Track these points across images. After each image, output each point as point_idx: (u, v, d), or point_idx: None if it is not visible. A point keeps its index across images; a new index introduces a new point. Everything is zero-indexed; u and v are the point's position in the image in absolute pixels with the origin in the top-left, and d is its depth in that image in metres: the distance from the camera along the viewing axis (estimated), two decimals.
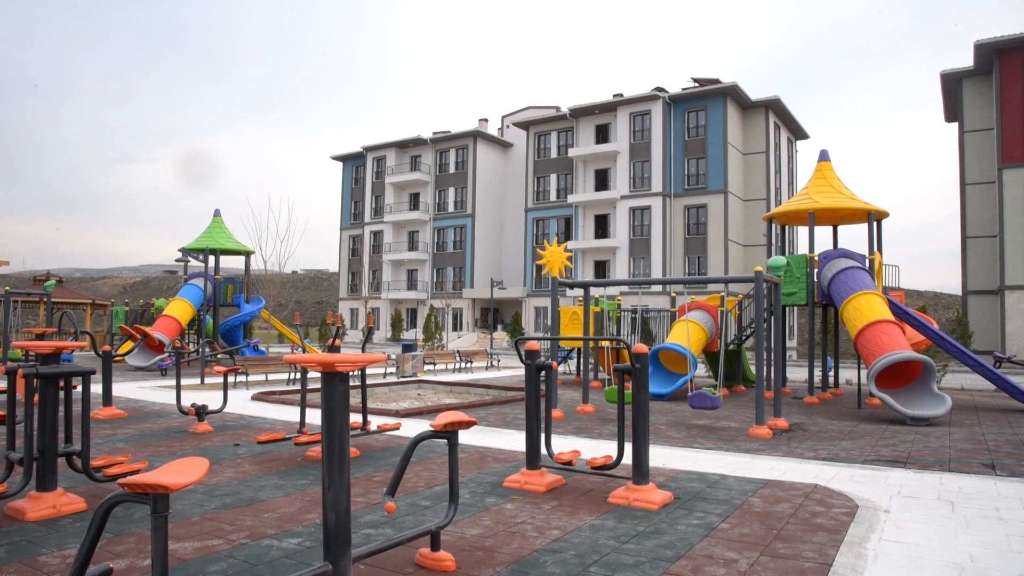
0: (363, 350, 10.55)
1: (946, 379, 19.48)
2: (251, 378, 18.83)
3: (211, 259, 26.17)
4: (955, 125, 45.54)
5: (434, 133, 61.26)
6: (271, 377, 19.77)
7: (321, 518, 3.76)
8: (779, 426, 11.37)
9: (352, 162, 66.76)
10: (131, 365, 22.45)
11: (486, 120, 62.06)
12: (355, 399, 9.63)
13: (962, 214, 43.60)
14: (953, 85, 44.58)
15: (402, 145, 62.36)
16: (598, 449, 9.16)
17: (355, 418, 9.25)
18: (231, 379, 17.02)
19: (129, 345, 24.32)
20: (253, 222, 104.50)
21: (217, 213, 28.08)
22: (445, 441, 4.78)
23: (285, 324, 31.22)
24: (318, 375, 6.37)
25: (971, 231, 42.94)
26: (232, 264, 32.44)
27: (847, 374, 21.72)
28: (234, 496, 6.53)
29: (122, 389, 16.44)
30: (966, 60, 43.12)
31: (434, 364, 25.16)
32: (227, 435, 10.10)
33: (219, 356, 23.23)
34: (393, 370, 22.45)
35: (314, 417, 10.80)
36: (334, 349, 8.93)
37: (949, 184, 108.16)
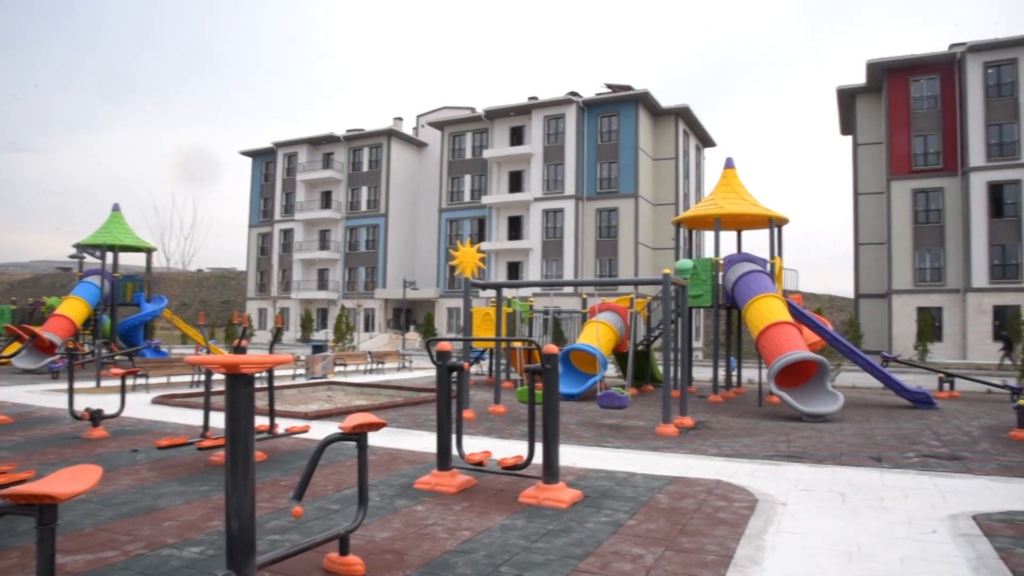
0: (271, 351, 10.29)
1: (839, 378, 20.51)
2: (151, 381, 18.04)
3: (109, 256, 24.92)
4: (850, 138, 48.10)
5: (348, 131, 60.25)
6: (173, 379, 19.01)
7: (224, 525, 3.65)
8: (685, 424, 11.71)
9: (262, 158, 64.90)
10: (18, 367, 21.13)
11: (401, 119, 61.47)
12: (262, 401, 9.38)
13: (855, 222, 46.08)
14: (847, 100, 47.06)
15: (314, 142, 61.06)
16: (509, 449, 9.22)
17: (262, 421, 9.00)
18: (130, 382, 16.27)
19: (16, 346, 22.88)
20: (156, 218, 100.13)
21: (116, 208, 26.79)
22: (355, 443, 4.72)
23: (189, 324, 30.05)
24: (223, 377, 6.17)
25: (863, 238, 45.42)
26: (132, 261, 31.04)
27: (749, 373, 22.60)
28: (131, 505, 6.25)
29: (7, 393, 15.47)
30: (860, 77, 45.62)
31: (345, 365, 24.76)
32: (124, 441, 9.66)
33: (116, 358, 22.16)
34: (303, 371, 21.96)
35: (218, 421, 10.45)
36: (240, 350, 8.68)
37: (844, 193, 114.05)
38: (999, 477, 7.97)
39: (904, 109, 41.74)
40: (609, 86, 51.39)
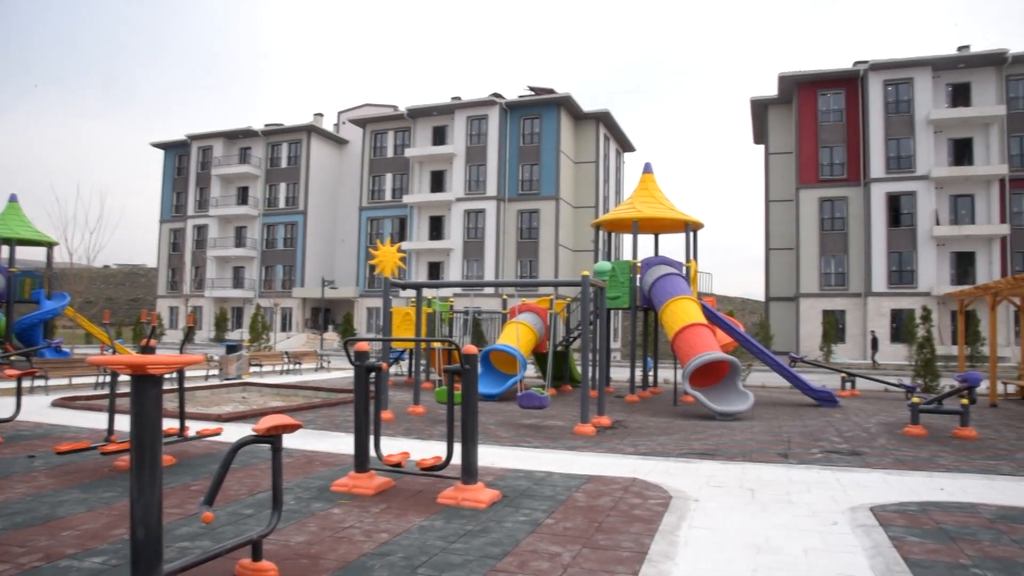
0: (181, 351, 9.93)
1: (750, 377, 21.26)
2: (52, 382, 17.14)
3: (5, 249, 23.53)
4: (762, 147, 49.95)
5: (266, 125, 58.72)
6: (76, 381, 18.10)
7: (129, 533, 3.49)
8: (602, 424, 11.91)
9: (175, 151, 62.54)
10: None
11: (321, 115, 60.30)
12: (173, 403, 9.04)
13: (766, 228, 47.87)
14: (760, 111, 48.87)
15: (231, 136, 59.24)
16: (428, 450, 9.18)
17: (172, 424, 8.68)
18: (27, 383, 15.42)
19: None
20: (58, 210, 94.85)
21: (13, 198, 25.34)
22: (269, 446, 4.61)
23: (94, 323, 28.68)
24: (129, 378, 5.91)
25: (773, 243, 47.22)
26: (31, 255, 29.38)
27: (665, 373, 23.15)
28: (27, 514, 5.92)
29: None
30: (773, 89, 47.38)
31: (260, 366, 24.13)
32: (20, 446, 9.14)
33: (12, 358, 20.95)
34: (216, 372, 21.28)
35: (125, 424, 10.01)
36: (148, 350, 8.33)
37: (757, 200, 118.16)
38: (894, 471, 8.42)
39: (812, 121, 43.63)
40: (532, 88, 51.81)
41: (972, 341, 25.55)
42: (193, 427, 9.44)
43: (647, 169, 18.93)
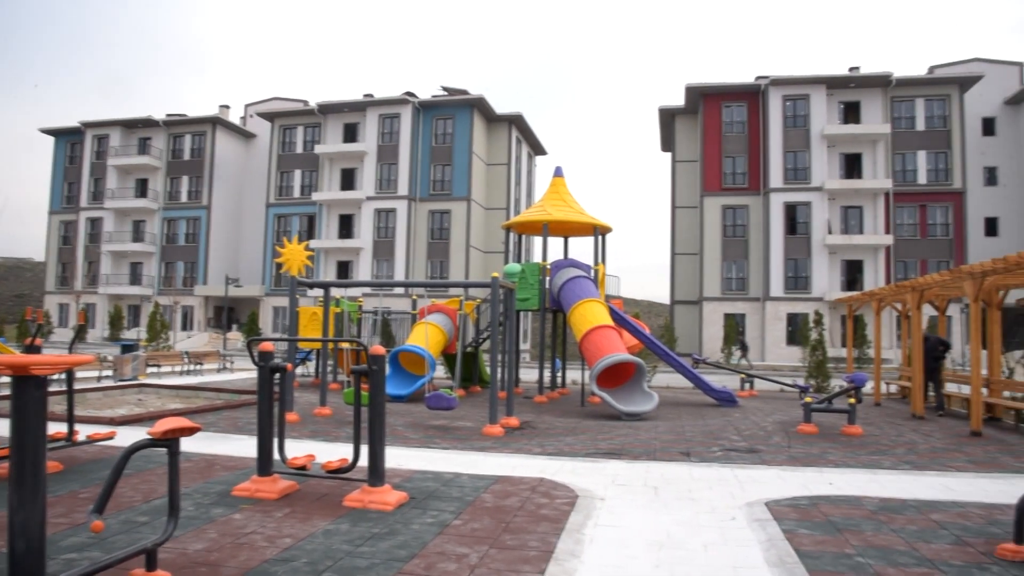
0: (71, 350, 9.40)
1: (655, 378, 21.82)
2: None
3: None
4: (669, 154, 51.44)
5: (168, 115, 56.24)
6: None
7: (7, 547, 3.26)
8: (511, 424, 11.98)
9: (67, 138, 59.04)
10: None
11: (228, 107, 58.23)
12: (62, 406, 8.53)
13: (672, 233, 49.32)
14: (668, 119, 50.32)
15: (129, 125, 56.45)
16: (335, 452, 9.01)
17: (60, 428, 8.20)
18: None
19: None
20: None
21: None
22: (165, 450, 4.42)
23: None
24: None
25: (679, 248, 48.69)
26: None
27: (573, 375, 23.50)
28: None
29: None
30: (680, 99, 48.92)
31: (159, 366, 23.12)
32: None
33: None
34: (110, 373, 20.24)
35: (5, 428, 9.40)
36: (34, 349, 7.85)
37: (663, 206, 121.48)
38: (788, 467, 8.82)
39: (716, 131, 45.26)
40: (445, 89, 51.68)
41: (859, 344, 27.03)
42: (83, 431, 8.95)
43: (558, 173, 19.17)
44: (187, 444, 9.15)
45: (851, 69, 44.98)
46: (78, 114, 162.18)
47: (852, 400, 12.25)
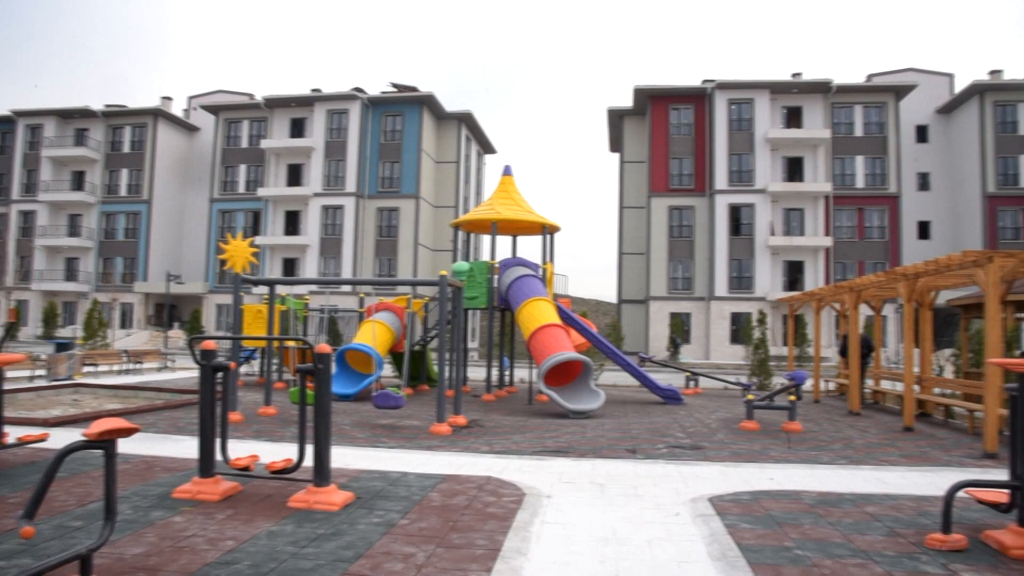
0: (0, 348, 9.06)
1: (602, 377, 22.04)
2: None
3: None
4: (617, 155, 51.99)
5: (107, 106, 54.46)
6: None
7: None
8: (459, 423, 11.96)
9: None
10: None
11: (170, 99, 56.65)
12: None
13: (619, 233, 49.87)
14: (616, 120, 50.84)
15: (65, 115, 54.46)
16: (280, 452, 8.87)
17: None
18: None
19: None
20: None
21: None
22: (102, 452, 4.29)
23: None
24: None
25: (626, 248, 49.25)
26: None
27: (521, 373, 23.58)
28: None
29: None
30: (628, 100, 49.43)
31: (96, 365, 22.40)
32: None
33: None
34: (43, 372, 19.54)
35: None
36: None
37: (611, 205, 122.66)
38: (731, 463, 9.01)
39: (664, 133, 45.91)
40: (395, 85, 51.27)
41: (800, 342, 27.70)
42: (14, 433, 8.63)
43: (507, 171, 19.20)
44: (125, 446, 8.91)
45: (794, 75, 46.11)
46: (9, 102, 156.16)
47: (792, 397, 12.58)
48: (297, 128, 50.67)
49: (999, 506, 5.67)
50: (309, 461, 6.60)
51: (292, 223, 50.37)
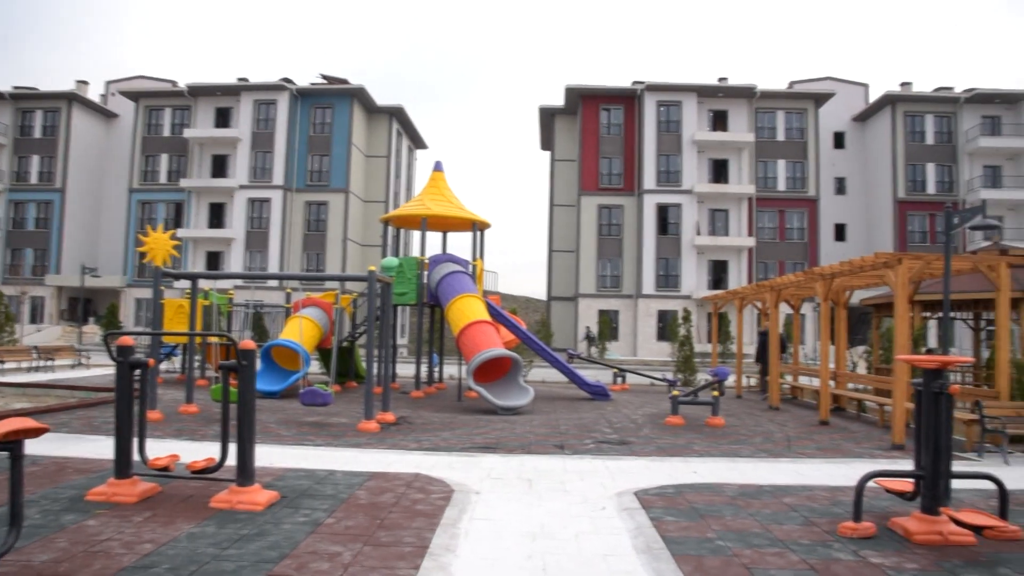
0: None
1: (531, 373, 22.15)
2: None
3: None
4: (548, 153, 52.37)
5: (15, 88, 51.70)
6: None
7: None
8: (387, 420, 11.87)
9: None
10: None
11: (86, 83, 54.12)
12: None
13: (550, 231, 50.26)
14: (547, 119, 51.17)
15: None
16: (201, 451, 8.62)
17: None
18: None
19: None
20: None
21: None
22: (7, 453, 4.09)
23: None
24: None
25: (556, 245, 49.68)
26: None
27: (450, 369, 23.53)
28: None
29: None
30: (560, 99, 49.87)
31: (3, 363, 21.30)
32: None
33: None
34: None
35: None
36: None
37: (542, 203, 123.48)
38: (656, 457, 9.21)
39: (594, 132, 46.49)
40: (325, 77, 50.36)
41: (724, 339, 28.47)
42: None
43: (438, 167, 19.11)
44: (35, 447, 8.50)
45: (720, 79, 47.36)
46: None
47: (716, 393, 12.94)
48: (223, 118, 49.22)
49: (905, 495, 5.97)
50: (232, 460, 6.44)
51: (216, 216, 48.94)
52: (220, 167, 49.01)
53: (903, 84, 49.39)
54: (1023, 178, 46.19)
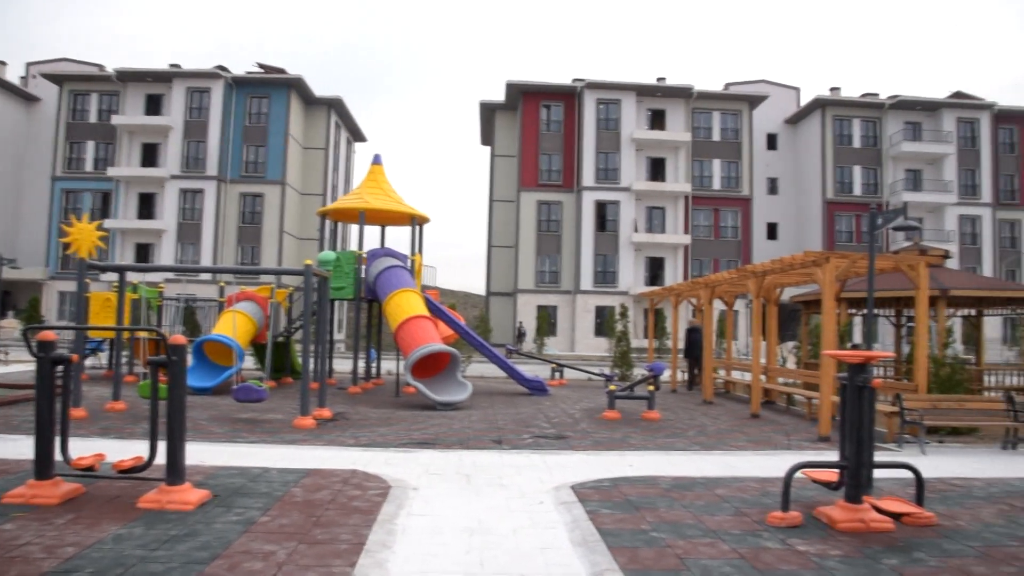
0: None
1: (470, 368, 22.17)
2: None
3: None
4: (489, 148, 52.37)
5: None
6: None
7: None
8: (323, 416, 11.71)
9: None
10: None
11: (4, 63, 51.68)
12: None
13: (489, 226, 50.31)
14: (488, 114, 51.17)
15: None
16: (129, 450, 8.34)
17: None
18: None
19: None
20: None
21: None
22: None
23: None
24: None
25: (495, 241, 49.75)
26: None
27: (388, 365, 23.34)
28: None
29: None
30: (501, 94, 49.92)
31: None
32: None
33: None
34: None
35: None
36: None
37: (481, 199, 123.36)
38: (593, 451, 9.32)
39: (534, 129, 46.69)
40: (261, 66, 49.24)
41: (660, 335, 28.96)
42: None
43: (376, 160, 18.90)
44: None
45: (659, 79, 48.14)
46: None
47: (651, 387, 13.17)
48: (153, 105, 47.63)
49: (830, 484, 6.19)
50: (162, 459, 6.25)
51: (147, 206, 47.38)
52: (151, 156, 47.44)
53: (832, 89, 51.08)
54: (941, 182, 48.36)
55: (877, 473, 6.37)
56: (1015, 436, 10.42)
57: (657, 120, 47.32)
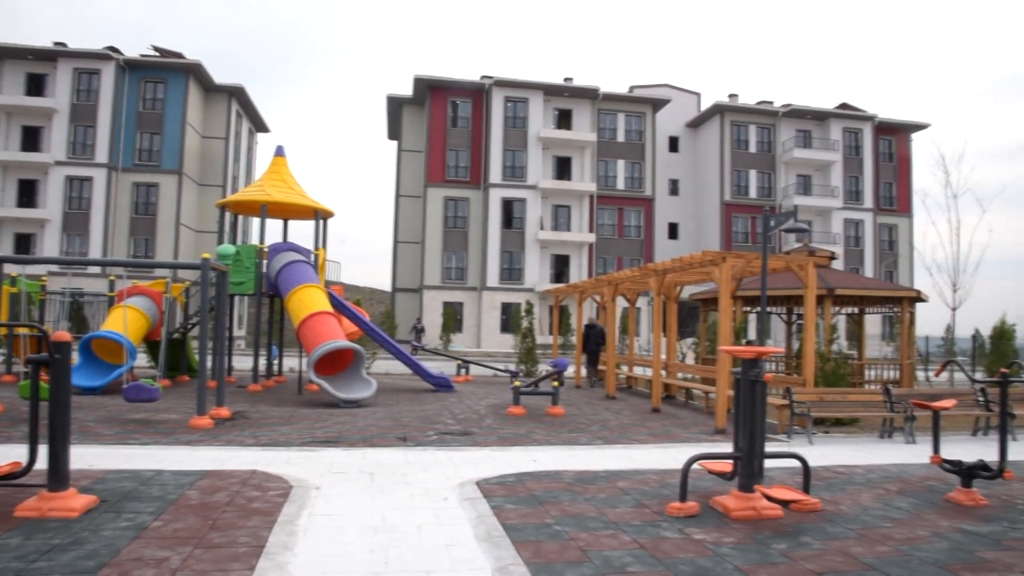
0: None
1: (375, 365, 21.88)
2: None
3: None
4: (396, 143, 51.81)
5: None
6: None
7: None
8: (221, 415, 11.32)
9: None
10: None
11: None
12: None
13: (395, 221, 49.84)
14: (395, 108, 50.61)
15: None
16: (6, 455, 7.83)
17: None
18: None
19: None
20: None
21: None
22: None
23: None
24: None
25: (402, 236, 49.33)
26: None
27: (291, 362, 22.79)
28: None
29: None
30: (408, 88, 49.49)
31: None
32: None
33: None
34: None
35: None
36: None
37: (388, 194, 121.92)
38: (498, 447, 9.38)
39: (442, 125, 46.50)
40: (157, 49, 47.01)
41: (565, 331, 29.38)
42: None
43: (279, 152, 18.41)
44: None
45: (566, 79, 48.80)
46: None
47: (556, 383, 13.37)
48: (35, 85, 44.67)
49: (725, 475, 6.45)
50: (43, 463, 5.89)
51: (27, 193, 44.43)
52: (32, 140, 44.50)
53: (731, 95, 53.10)
54: (829, 188, 51.16)
55: (768, 463, 6.68)
56: (891, 426, 11.19)
57: (564, 120, 47.99)
